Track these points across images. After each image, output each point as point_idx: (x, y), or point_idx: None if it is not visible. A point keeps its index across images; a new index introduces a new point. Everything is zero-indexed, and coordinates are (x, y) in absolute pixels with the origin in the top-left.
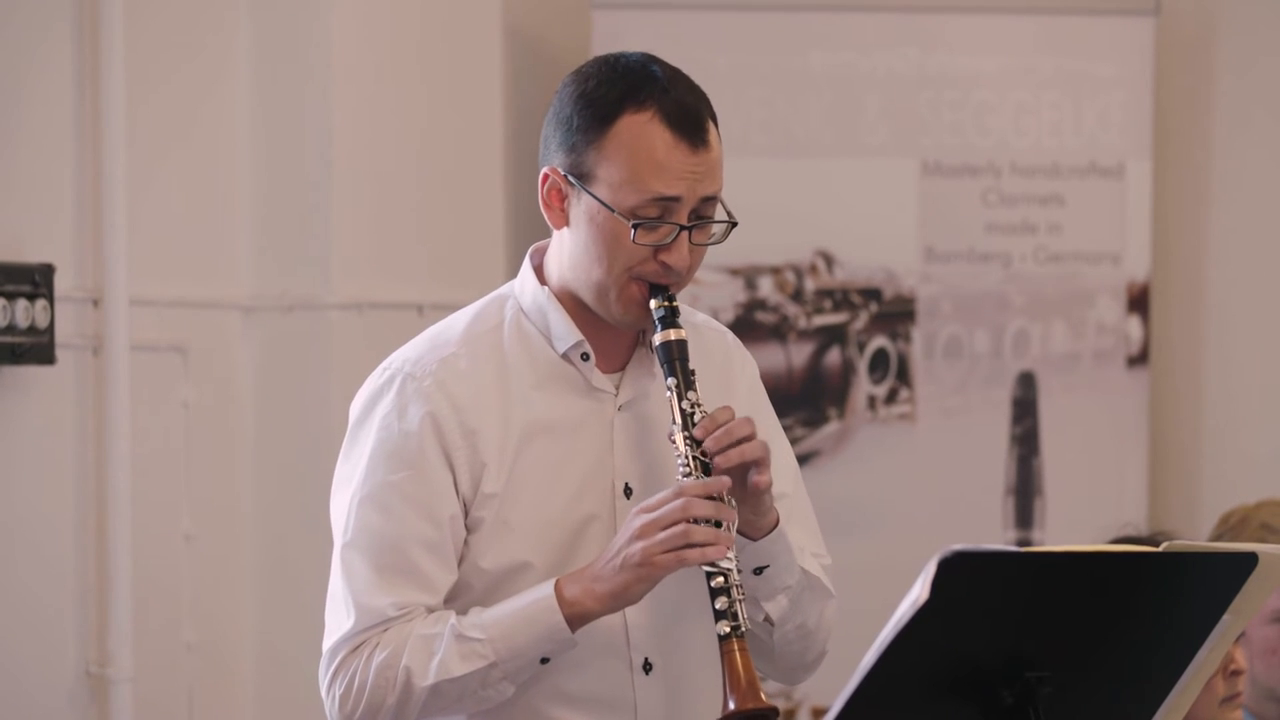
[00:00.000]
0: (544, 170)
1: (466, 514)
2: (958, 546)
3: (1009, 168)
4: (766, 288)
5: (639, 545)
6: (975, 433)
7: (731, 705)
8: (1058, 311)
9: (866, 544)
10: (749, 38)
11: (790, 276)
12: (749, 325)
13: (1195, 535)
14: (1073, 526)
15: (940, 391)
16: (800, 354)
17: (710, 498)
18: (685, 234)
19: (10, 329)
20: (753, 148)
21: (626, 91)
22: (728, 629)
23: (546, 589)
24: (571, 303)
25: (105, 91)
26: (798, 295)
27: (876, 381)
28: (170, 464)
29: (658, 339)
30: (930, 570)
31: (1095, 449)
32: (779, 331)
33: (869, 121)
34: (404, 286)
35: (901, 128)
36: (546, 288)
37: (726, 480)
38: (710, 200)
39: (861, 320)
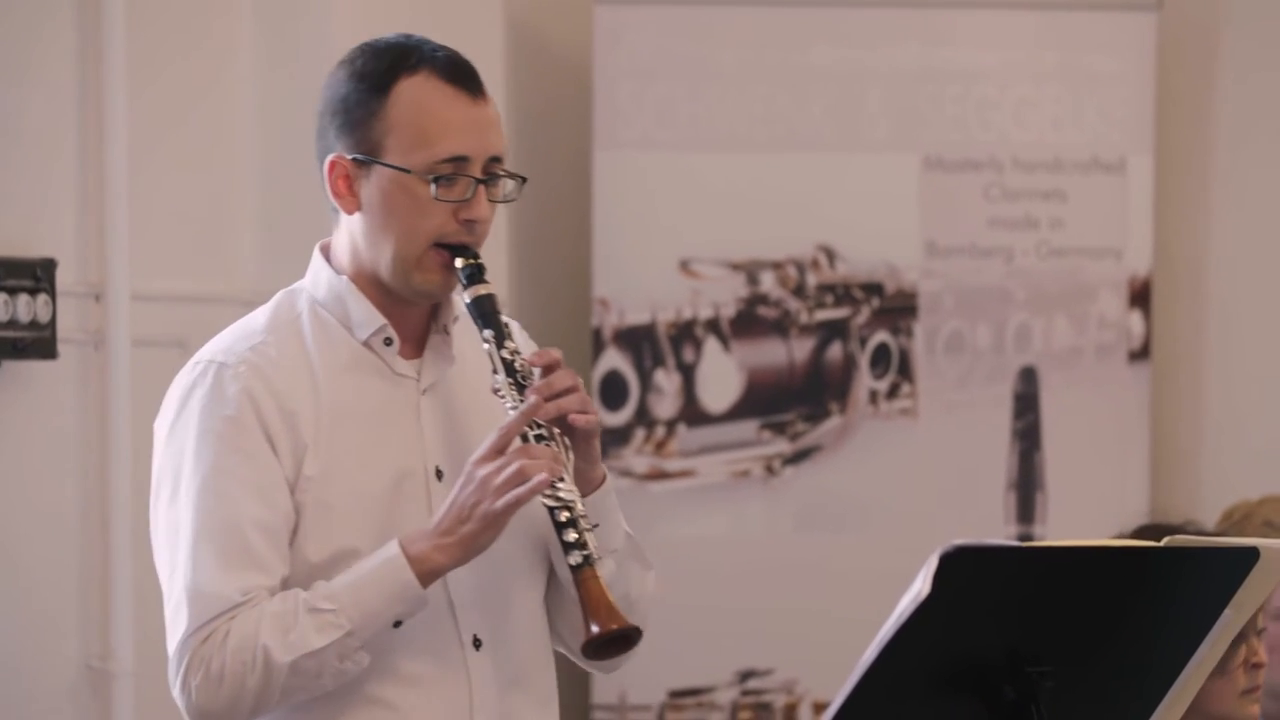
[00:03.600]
0: (328, 160)
1: (292, 495)
2: (959, 541)
3: (1011, 162)
4: (768, 283)
5: (481, 493)
6: (977, 428)
7: (594, 629)
8: (1059, 306)
9: (868, 539)
10: (751, 32)
11: (792, 271)
12: (751, 320)
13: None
14: (1074, 521)
15: (942, 386)
16: (802, 349)
17: (541, 439)
18: (483, 188)
19: (12, 323)
20: (755, 142)
21: (396, 59)
22: (580, 558)
23: (391, 549)
24: (371, 288)
25: (107, 86)
26: (799, 290)
27: (878, 376)
28: None
29: (468, 295)
30: (932, 565)
31: (1097, 444)
32: (781, 326)
33: (871, 116)
34: None
35: (903, 122)
36: (344, 276)
37: (557, 413)
38: (497, 162)
39: (863, 315)
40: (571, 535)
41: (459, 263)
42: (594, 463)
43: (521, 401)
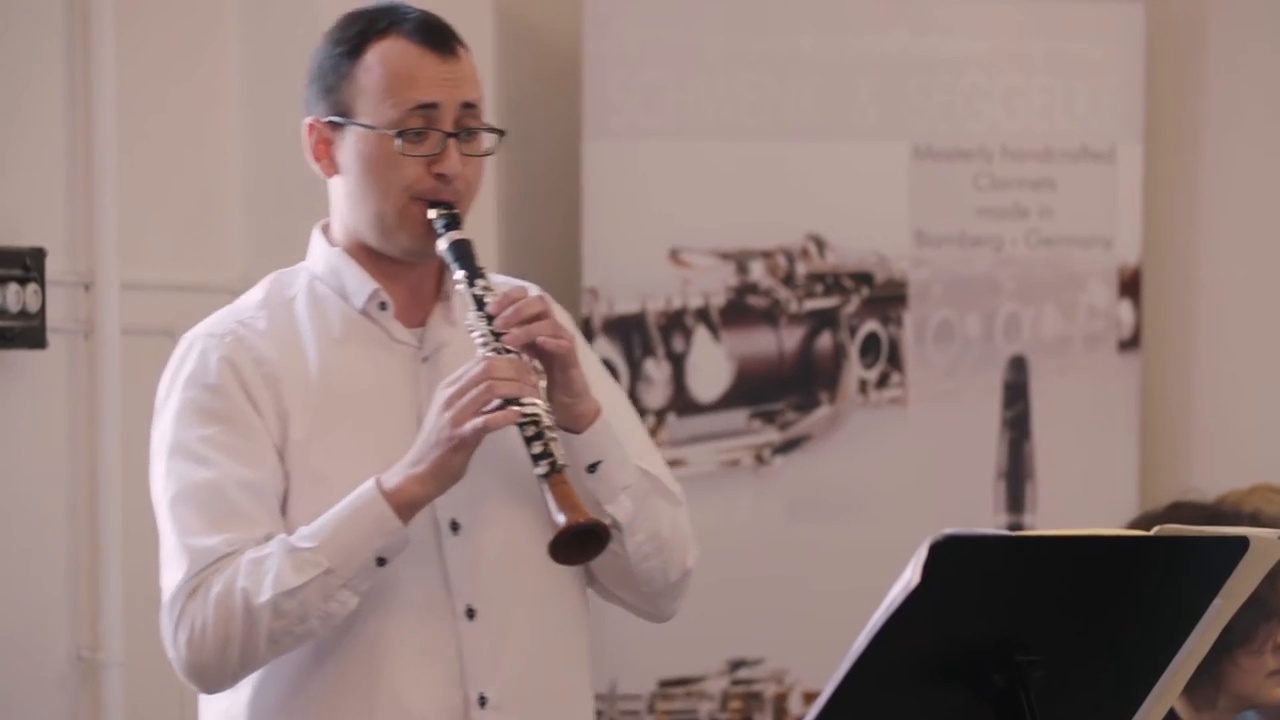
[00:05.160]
0: (305, 124)
1: (281, 461)
2: (949, 530)
3: (1000, 151)
4: (758, 272)
5: (448, 415)
6: (966, 417)
7: (561, 520)
8: (1049, 295)
9: (858, 528)
10: (740, 20)
11: (781, 260)
12: (740, 309)
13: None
14: (1064, 510)
15: (931, 375)
16: (791, 338)
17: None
18: (453, 141)
19: (1, 313)
20: (744, 131)
21: (368, 24)
22: (546, 467)
23: (367, 484)
24: (364, 256)
25: (96, 74)
26: (789, 279)
27: (868, 366)
28: None
29: (442, 242)
30: (921, 554)
31: (1086, 433)
32: (770, 316)
33: (860, 105)
34: None
35: (892, 111)
36: (337, 248)
37: (525, 338)
38: (472, 110)
39: (853, 304)
40: (537, 447)
41: (432, 213)
42: (580, 395)
43: (491, 334)
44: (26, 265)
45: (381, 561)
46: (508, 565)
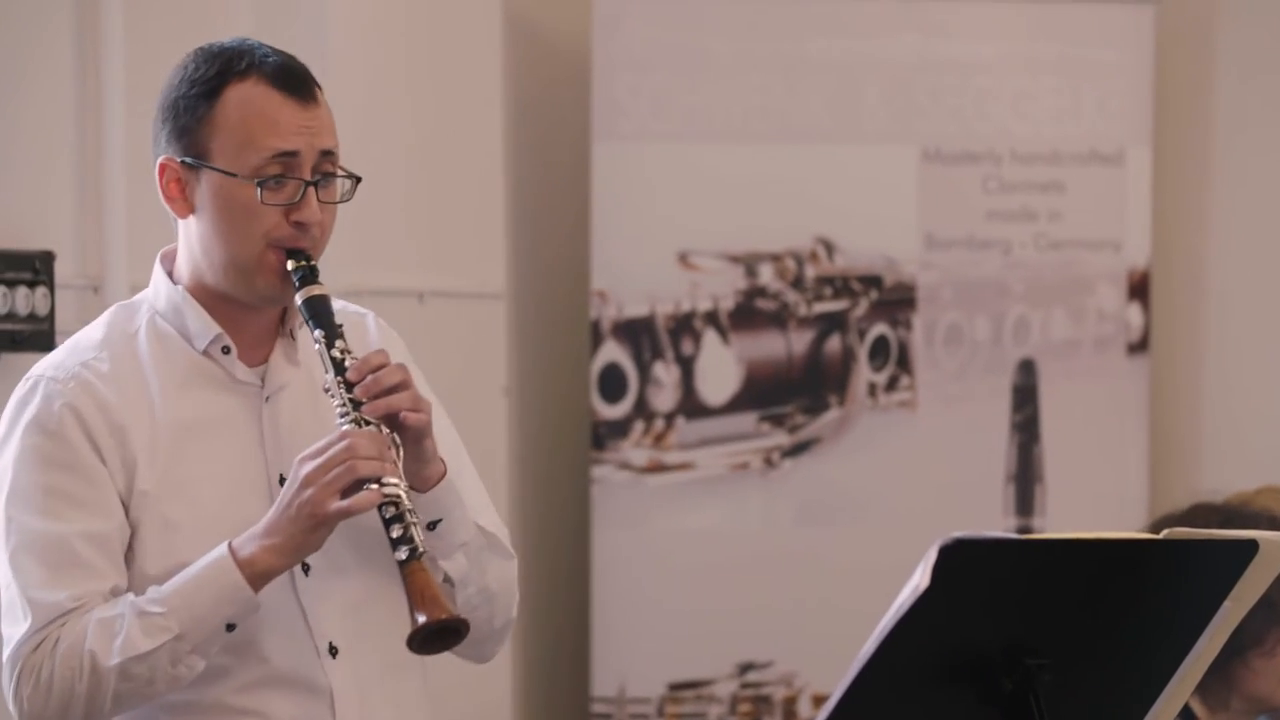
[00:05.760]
0: (159, 163)
1: (126, 511)
2: (958, 534)
3: (1009, 155)
4: (767, 275)
5: (309, 492)
6: (976, 420)
7: (421, 619)
8: (1058, 299)
9: (867, 531)
10: (749, 23)
11: (790, 264)
12: (749, 313)
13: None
14: (1073, 514)
15: (940, 379)
16: (800, 341)
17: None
18: (312, 190)
19: (10, 316)
20: (752, 134)
21: (226, 65)
22: (406, 553)
23: (220, 551)
24: (207, 297)
25: (106, 77)
26: (798, 282)
27: (877, 369)
28: None
29: (299, 297)
30: (931, 558)
31: (1096, 436)
32: (779, 319)
33: (869, 108)
34: (403, 274)
35: (901, 114)
36: (180, 286)
37: (386, 410)
38: (330, 156)
39: (862, 307)
40: (397, 530)
41: (290, 265)
42: (429, 460)
43: (350, 402)
44: (36, 268)
45: (230, 628)
46: (365, 599)
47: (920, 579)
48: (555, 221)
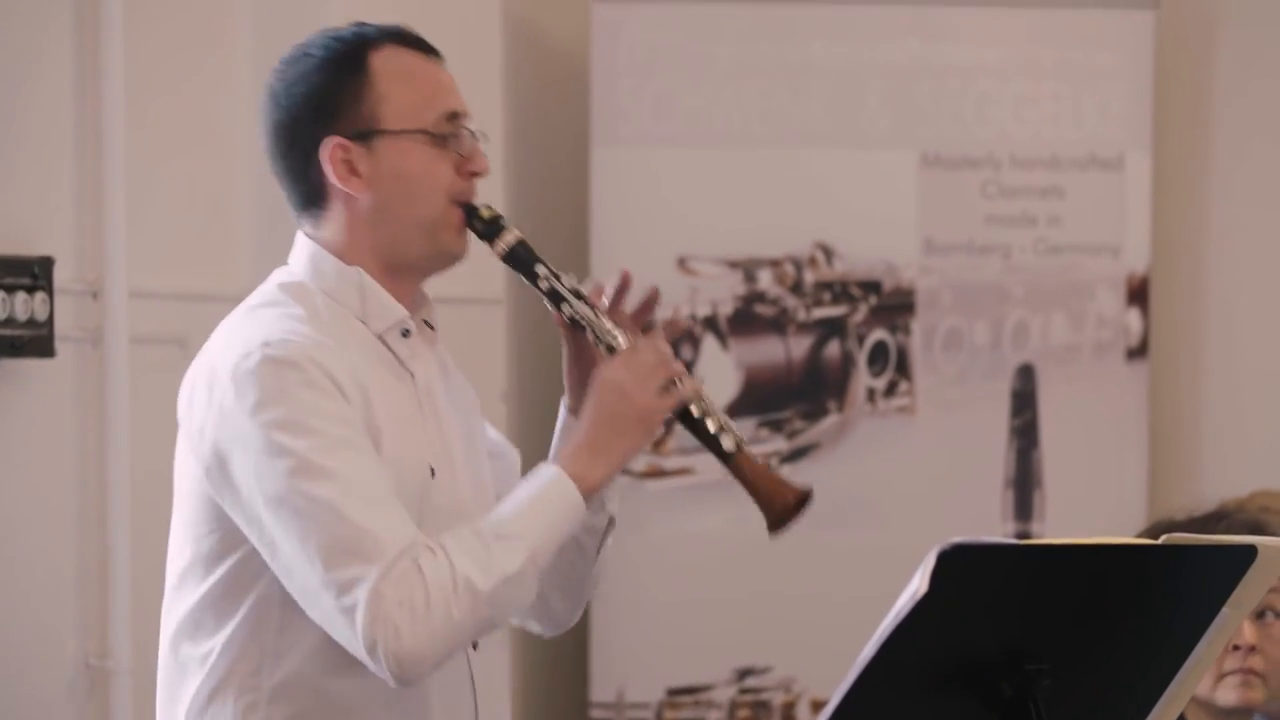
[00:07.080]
0: (327, 149)
1: None
2: (957, 539)
3: (1009, 160)
4: (766, 280)
5: (634, 398)
6: (975, 425)
7: (790, 498)
8: (1057, 304)
9: (866, 536)
10: (749, 28)
11: (789, 269)
12: (748, 318)
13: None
14: (1072, 519)
15: (940, 384)
16: (799, 347)
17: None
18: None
19: (9, 321)
20: (753, 139)
21: (355, 39)
22: (732, 443)
23: (549, 473)
24: (384, 278)
25: (105, 83)
26: (797, 288)
27: (876, 374)
28: (170, 457)
29: (502, 246)
30: (930, 562)
31: (1095, 441)
32: (778, 324)
33: (869, 113)
34: None
35: (901, 119)
36: (357, 267)
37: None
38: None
39: (861, 313)
40: (713, 424)
41: (486, 213)
42: None
43: (614, 325)
44: (35, 274)
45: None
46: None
47: (919, 584)
48: (554, 225)
